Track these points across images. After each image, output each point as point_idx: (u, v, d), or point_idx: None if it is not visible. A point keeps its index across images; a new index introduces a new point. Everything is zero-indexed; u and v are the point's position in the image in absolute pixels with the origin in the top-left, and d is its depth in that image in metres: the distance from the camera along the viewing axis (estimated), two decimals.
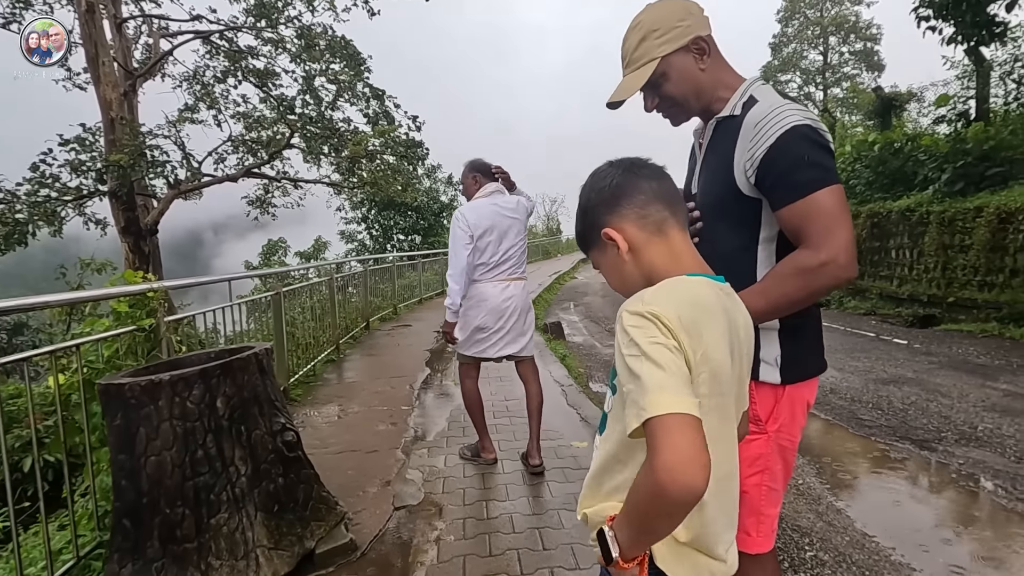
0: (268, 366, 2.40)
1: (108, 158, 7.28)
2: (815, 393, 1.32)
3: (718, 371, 0.81)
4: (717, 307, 0.84)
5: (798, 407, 1.26)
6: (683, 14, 1.24)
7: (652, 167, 0.97)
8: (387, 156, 10.51)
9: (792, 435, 1.26)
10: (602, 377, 6.09)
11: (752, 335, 0.95)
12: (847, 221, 1.11)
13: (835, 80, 38.09)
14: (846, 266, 1.09)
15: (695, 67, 1.25)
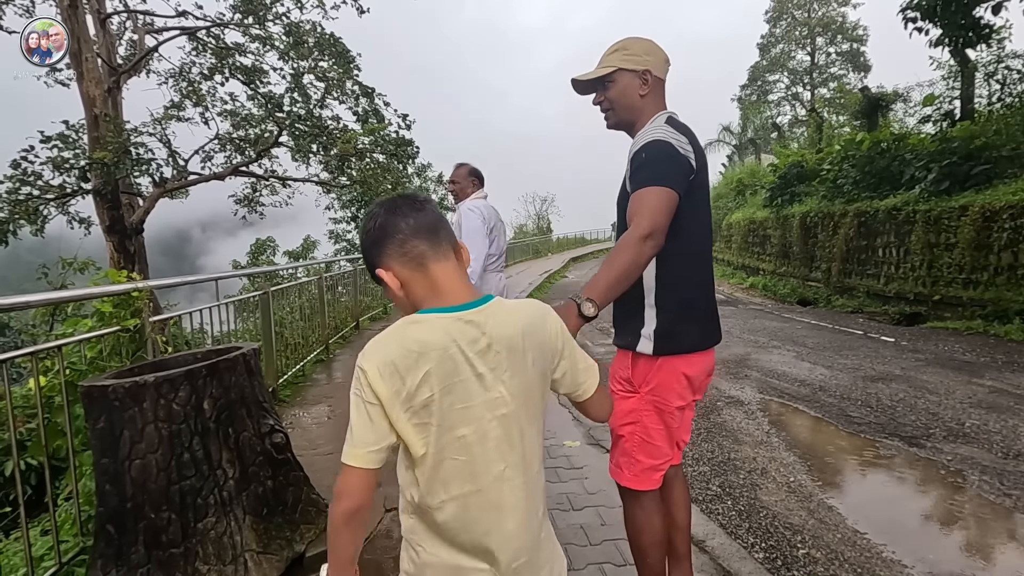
0: (256, 367, 2.36)
1: (92, 156, 7.15)
2: (700, 368, 1.60)
3: (428, 412, 0.90)
4: (434, 346, 0.90)
5: (674, 377, 1.54)
6: (648, 51, 1.60)
7: (411, 203, 1.00)
8: (377, 155, 10.44)
9: (667, 400, 1.55)
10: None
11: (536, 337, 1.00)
12: (661, 213, 1.42)
13: (822, 80, 38.42)
14: (650, 238, 1.39)
15: (637, 90, 1.60)
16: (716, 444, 3.93)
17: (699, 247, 1.62)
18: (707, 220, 1.69)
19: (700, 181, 1.56)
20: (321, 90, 9.67)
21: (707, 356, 1.65)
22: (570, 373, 1.10)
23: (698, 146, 1.56)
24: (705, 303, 1.64)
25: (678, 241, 1.50)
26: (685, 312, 1.56)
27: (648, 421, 1.57)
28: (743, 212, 18.37)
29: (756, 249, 16.67)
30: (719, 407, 4.77)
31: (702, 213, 1.63)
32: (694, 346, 1.58)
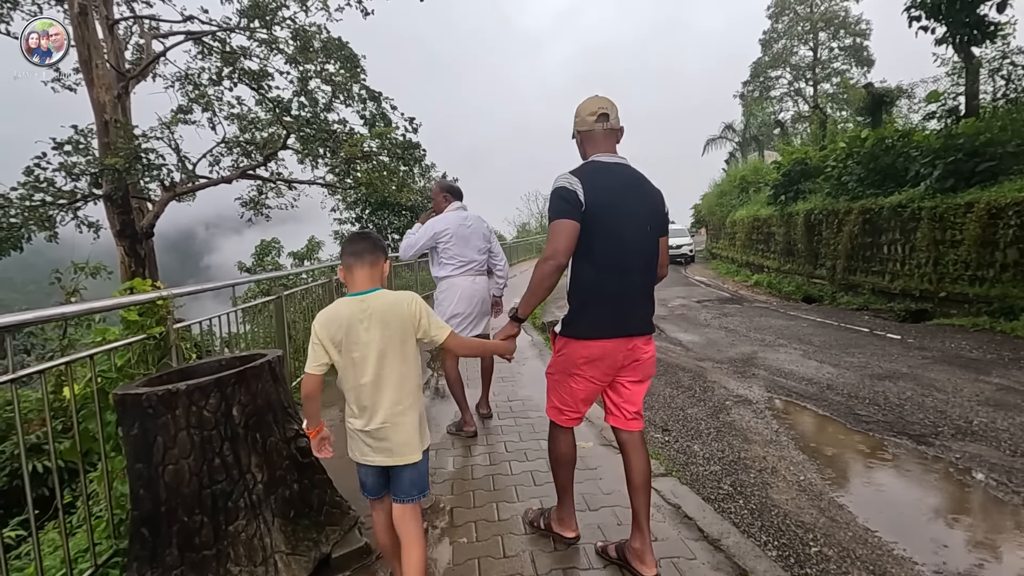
0: (280, 374, 2.42)
1: (103, 161, 7.21)
2: (599, 352, 2.06)
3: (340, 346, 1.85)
4: (342, 316, 1.85)
5: (574, 352, 2.11)
6: (576, 114, 2.22)
7: (360, 235, 1.98)
8: (383, 157, 10.48)
9: (569, 367, 2.14)
10: None
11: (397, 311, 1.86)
12: (557, 239, 1.98)
13: (825, 76, 38.25)
14: (553, 257, 1.98)
15: (580, 147, 2.26)
16: (726, 443, 3.98)
17: (605, 260, 2.05)
18: (619, 238, 2.04)
19: (604, 210, 2.01)
20: (328, 94, 9.73)
21: (608, 343, 2.07)
22: (426, 332, 1.89)
23: (605, 182, 2.06)
24: (609, 304, 2.06)
25: (584, 256, 2.05)
26: (583, 310, 2.10)
27: (558, 375, 2.22)
28: (747, 209, 18.36)
29: (760, 246, 16.67)
30: (728, 406, 4.82)
31: (612, 234, 2.03)
32: (587, 335, 2.09)
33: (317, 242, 22.17)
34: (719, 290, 14.68)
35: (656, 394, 5.28)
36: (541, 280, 2.03)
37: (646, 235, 2.09)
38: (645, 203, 2.11)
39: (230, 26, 9.42)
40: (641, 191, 2.12)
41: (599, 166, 2.10)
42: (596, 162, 2.12)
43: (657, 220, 2.15)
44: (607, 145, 2.17)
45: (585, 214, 1.99)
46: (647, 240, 2.10)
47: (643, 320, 2.12)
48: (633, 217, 2.06)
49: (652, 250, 2.12)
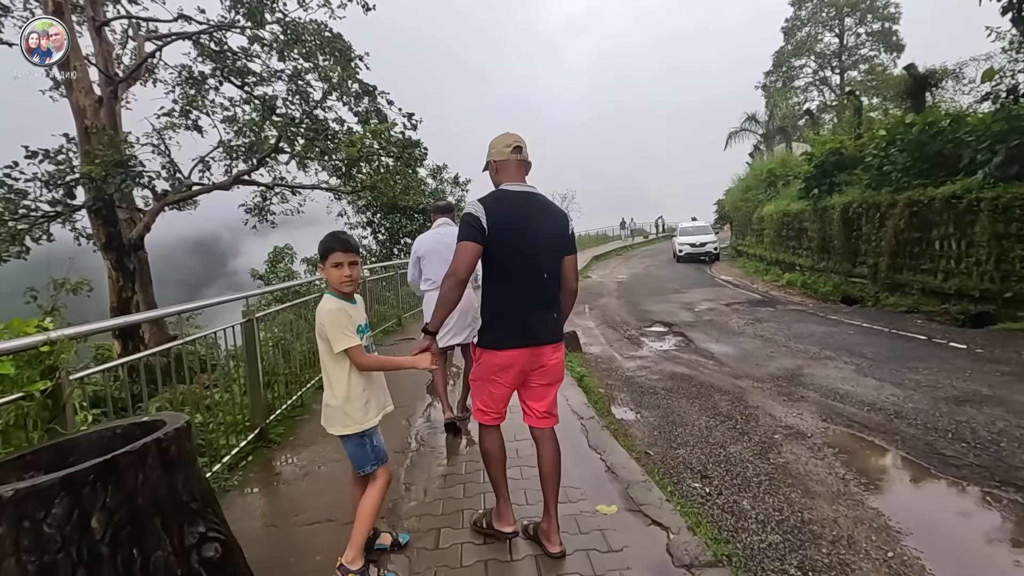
0: (182, 451, 1.75)
1: (79, 170, 6.73)
2: (506, 362, 2.33)
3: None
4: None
5: (488, 360, 2.37)
6: (492, 146, 2.45)
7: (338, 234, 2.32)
8: (386, 158, 9.87)
9: (484, 375, 2.41)
10: (626, 399, 5.40)
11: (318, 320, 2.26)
12: (462, 260, 2.24)
13: (852, 63, 36.77)
14: (454, 274, 2.24)
15: (492, 175, 2.47)
16: (783, 497, 3.22)
17: (509, 280, 2.31)
18: (522, 259, 2.29)
19: (507, 234, 2.24)
20: (321, 90, 9.13)
21: (515, 352, 2.32)
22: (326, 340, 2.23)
23: (509, 209, 2.29)
24: (515, 317, 2.33)
25: (491, 275, 2.33)
26: (492, 323, 2.36)
27: (479, 381, 2.44)
28: (775, 204, 17.35)
29: (791, 243, 15.68)
30: (777, 441, 4.05)
31: (514, 256, 2.28)
32: (496, 345, 2.33)
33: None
34: (749, 291, 13.77)
35: (690, 424, 4.53)
36: (445, 295, 2.26)
37: (549, 255, 2.36)
38: (548, 227, 2.36)
39: (217, 24, 8.89)
40: (544, 217, 2.36)
41: (505, 195, 2.34)
42: (504, 191, 2.36)
43: (561, 242, 2.41)
44: (519, 174, 2.42)
45: (489, 238, 2.23)
46: (550, 260, 2.37)
47: (549, 330, 2.40)
48: (536, 240, 2.30)
49: (555, 269, 2.40)
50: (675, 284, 15.71)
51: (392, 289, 10.09)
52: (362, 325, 2.29)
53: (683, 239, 23.19)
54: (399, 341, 8.27)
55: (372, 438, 2.32)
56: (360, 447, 2.30)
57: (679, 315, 10.31)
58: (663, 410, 4.98)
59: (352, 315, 2.23)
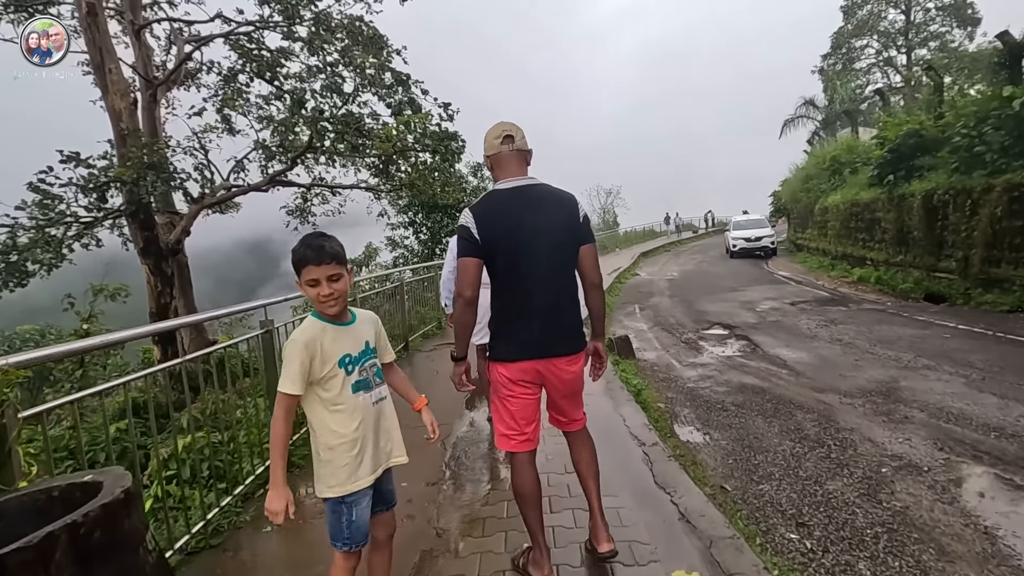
0: (115, 534, 1.28)
1: (110, 173, 6.61)
2: (516, 374, 2.17)
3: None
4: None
5: (496, 374, 2.23)
6: (485, 140, 2.26)
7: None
8: (424, 154, 9.45)
9: (498, 391, 2.25)
10: (690, 416, 4.74)
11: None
12: (464, 277, 2.10)
13: (921, 40, 34.13)
14: (460, 294, 2.10)
15: (491, 168, 2.29)
16: (912, 560, 2.52)
17: (510, 288, 2.15)
18: (521, 266, 2.11)
19: (501, 242, 2.09)
20: (354, 82, 8.77)
21: (524, 364, 2.16)
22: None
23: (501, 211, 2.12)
24: (520, 328, 2.17)
25: (494, 285, 2.19)
26: (499, 334, 2.23)
27: (495, 400, 2.29)
28: (842, 194, 16.04)
29: (861, 236, 14.40)
30: (886, 477, 3.32)
31: (512, 263, 2.11)
32: (504, 357, 2.20)
33: (374, 248, 21.71)
34: (814, 288, 12.69)
35: (771, 450, 3.85)
36: (458, 319, 2.15)
37: (554, 252, 2.14)
38: (550, 220, 2.13)
39: (250, 21, 8.68)
40: (544, 209, 2.14)
41: (499, 195, 2.16)
42: (496, 191, 2.17)
43: (569, 233, 2.17)
44: (515, 167, 2.20)
45: (484, 249, 2.08)
46: (557, 257, 2.15)
47: (561, 341, 2.18)
48: (535, 238, 2.10)
49: (565, 265, 2.18)
50: (731, 281, 14.73)
51: (433, 290, 9.70)
52: (353, 355, 1.78)
53: (737, 233, 21.96)
54: (439, 346, 7.83)
55: (354, 508, 1.77)
56: (335, 515, 1.78)
57: (740, 315, 9.47)
58: (736, 431, 4.30)
59: (328, 345, 1.73)
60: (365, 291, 7.97)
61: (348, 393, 1.76)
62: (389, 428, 1.89)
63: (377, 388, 1.85)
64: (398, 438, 1.93)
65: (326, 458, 1.76)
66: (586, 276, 2.22)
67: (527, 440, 2.23)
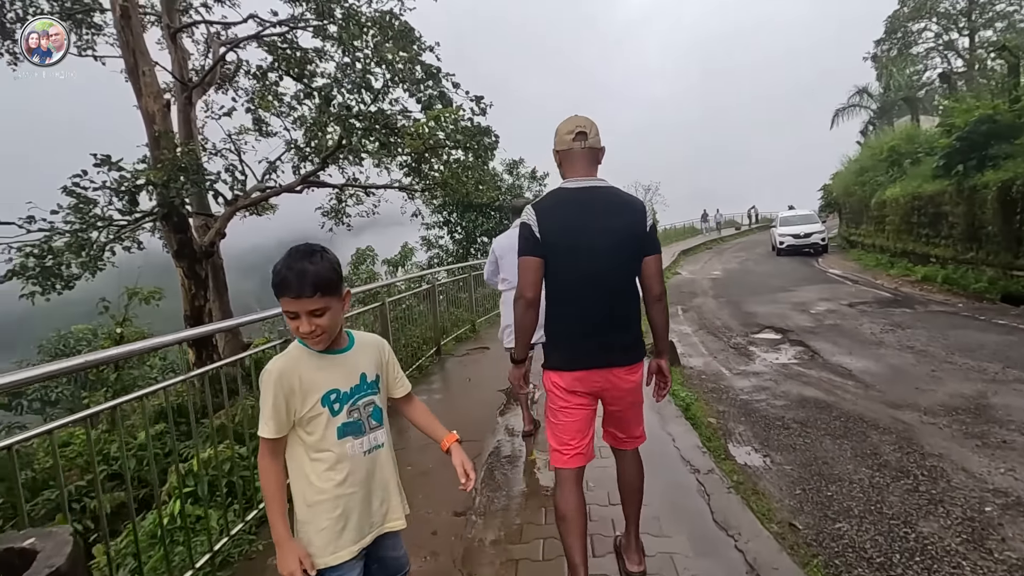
0: None
1: (141, 175, 6.59)
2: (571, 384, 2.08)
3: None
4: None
5: (551, 383, 2.14)
6: (555, 133, 2.16)
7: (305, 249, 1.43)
8: (456, 151, 9.19)
9: (553, 402, 2.15)
10: (747, 435, 4.28)
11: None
12: (524, 277, 2.03)
13: (985, 21, 31.90)
14: (522, 295, 2.04)
15: (559, 165, 2.18)
16: None
17: (567, 293, 2.07)
18: (581, 270, 2.02)
19: (561, 243, 2.00)
20: (384, 78, 8.55)
21: (580, 374, 2.08)
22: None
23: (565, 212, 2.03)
24: (575, 335, 2.08)
25: (549, 289, 2.09)
26: (553, 342, 2.15)
27: (549, 413, 2.19)
28: (901, 186, 14.97)
29: (924, 231, 13.38)
30: (991, 518, 2.81)
31: (572, 266, 2.02)
32: (559, 366, 2.12)
33: (410, 248, 21.70)
34: (872, 288, 11.83)
35: (846, 479, 3.37)
36: (519, 320, 2.09)
37: (618, 259, 2.06)
38: (616, 226, 2.04)
39: (281, 20, 8.58)
40: (611, 214, 2.05)
41: (563, 195, 2.09)
42: (562, 190, 2.11)
43: (635, 241, 2.06)
44: (584, 166, 2.11)
45: (544, 248, 2.01)
46: (619, 264, 2.07)
47: (620, 351, 2.10)
48: (599, 243, 2.02)
49: (627, 274, 2.10)
50: (779, 280, 13.94)
51: (467, 290, 9.44)
52: (342, 391, 1.45)
53: (784, 229, 20.91)
54: (472, 351, 7.54)
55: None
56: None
57: (793, 318, 8.83)
58: (801, 454, 3.82)
59: (309, 377, 1.41)
60: (401, 291, 7.78)
61: (332, 438, 1.42)
62: (385, 484, 1.53)
63: (371, 433, 1.50)
64: (396, 499, 1.57)
65: (302, 517, 1.44)
66: (648, 288, 2.12)
67: (579, 455, 2.13)
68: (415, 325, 7.25)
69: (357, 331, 1.59)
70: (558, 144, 2.14)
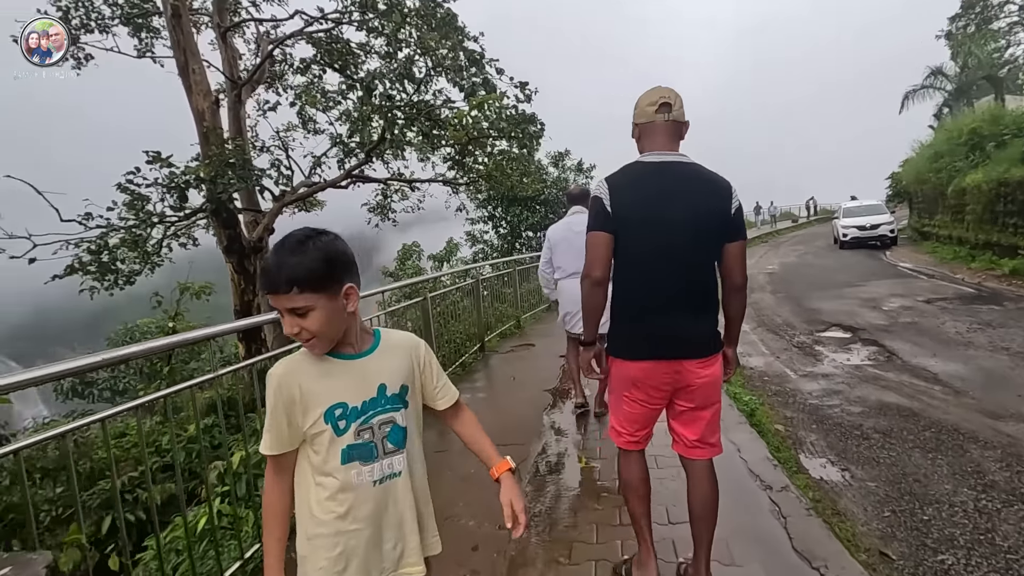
0: None
1: (190, 171, 6.70)
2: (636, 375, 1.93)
3: None
4: None
5: (623, 374, 1.99)
6: (635, 106, 2.00)
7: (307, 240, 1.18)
8: (500, 142, 8.95)
9: (616, 388, 2.05)
10: (819, 445, 3.86)
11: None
12: (592, 254, 1.90)
13: None
14: (589, 274, 1.90)
15: (638, 139, 2.02)
16: None
17: (638, 274, 1.91)
18: (656, 250, 1.86)
19: (635, 219, 1.86)
20: (426, 67, 8.38)
21: (647, 364, 1.91)
22: None
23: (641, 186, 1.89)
24: (645, 322, 1.91)
25: (618, 269, 1.95)
26: (619, 327, 1.99)
27: (613, 395, 2.09)
28: (984, 172, 13.73)
29: (1011, 220, 12.21)
30: None
31: (646, 245, 1.87)
32: (624, 355, 1.97)
33: (455, 244, 21.74)
34: (952, 283, 10.87)
35: (944, 500, 2.93)
36: (585, 300, 1.96)
37: (696, 242, 1.87)
38: (696, 205, 1.86)
39: (325, 15, 8.56)
40: (691, 192, 1.87)
41: (639, 168, 1.94)
42: (638, 163, 1.96)
43: (716, 223, 1.87)
44: (665, 140, 1.94)
45: (614, 223, 1.88)
46: (698, 247, 1.88)
47: (694, 341, 1.92)
48: (675, 222, 1.85)
49: (706, 259, 1.91)
50: (844, 275, 13.06)
51: (511, 285, 9.23)
52: (351, 405, 1.20)
53: (848, 221, 19.67)
54: (516, 347, 7.31)
55: None
56: None
57: (863, 315, 8.16)
58: (887, 469, 3.39)
59: (311, 386, 1.18)
60: (446, 285, 7.65)
61: (335, 462, 1.18)
62: (399, 522, 1.26)
63: (385, 459, 1.23)
64: (414, 540, 1.28)
65: (302, 552, 1.22)
66: (728, 276, 1.94)
67: (637, 443, 2.08)
68: (459, 321, 7.09)
69: (388, 329, 1.36)
70: (638, 116, 1.98)
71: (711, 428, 2.01)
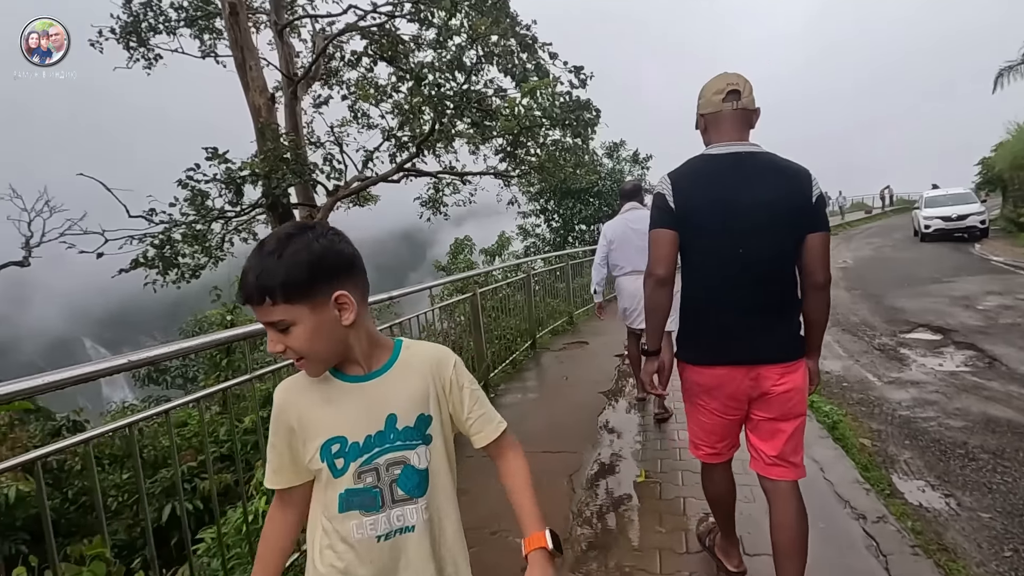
0: None
1: (246, 167, 6.82)
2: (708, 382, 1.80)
3: None
4: None
5: (693, 381, 1.87)
6: (700, 95, 1.86)
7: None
8: (553, 132, 8.66)
9: (692, 399, 1.91)
10: (915, 463, 3.40)
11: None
12: (655, 250, 1.79)
13: None
14: (652, 272, 1.80)
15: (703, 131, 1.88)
16: None
17: (706, 273, 1.79)
18: (724, 247, 1.73)
19: (702, 214, 1.73)
20: (476, 55, 8.19)
21: (720, 371, 1.77)
22: None
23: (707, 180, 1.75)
24: (715, 324, 1.78)
25: (684, 269, 1.86)
26: (689, 330, 1.87)
27: (687, 405, 1.96)
28: None
29: None
30: None
31: (713, 242, 1.74)
32: (695, 360, 1.84)
33: (507, 237, 21.59)
34: None
35: None
36: (648, 302, 1.86)
37: (771, 237, 1.70)
38: (773, 197, 1.69)
39: (377, 8, 8.53)
40: (767, 184, 1.71)
41: (706, 160, 1.80)
42: (704, 155, 1.82)
43: (793, 216, 1.71)
44: (734, 130, 1.78)
45: (679, 220, 1.76)
46: (772, 243, 1.71)
47: (771, 345, 1.75)
48: (746, 217, 1.69)
49: (782, 255, 1.73)
50: (929, 270, 11.98)
51: (564, 280, 8.96)
52: (351, 442, 0.96)
53: (931, 211, 18.10)
54: (568, 345, 7.04)
55: None
56: None
57: (954, 315, 7.38)
58: (1002, 497, 2.92)
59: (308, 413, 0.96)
60: (497, 280, 7.48)
61: (333, 510, 0.97)
62: (419, 550, 1.00)
63: (395, 509, 0.98)
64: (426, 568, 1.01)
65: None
66: (809, 273, 1.74)
67: (717, 455, 1.94)
68: (510, 316, 6.90)
69: (413, 341, 1.09)
70: (703, 107, 1.84)
71: (793, 445, 1.81)
